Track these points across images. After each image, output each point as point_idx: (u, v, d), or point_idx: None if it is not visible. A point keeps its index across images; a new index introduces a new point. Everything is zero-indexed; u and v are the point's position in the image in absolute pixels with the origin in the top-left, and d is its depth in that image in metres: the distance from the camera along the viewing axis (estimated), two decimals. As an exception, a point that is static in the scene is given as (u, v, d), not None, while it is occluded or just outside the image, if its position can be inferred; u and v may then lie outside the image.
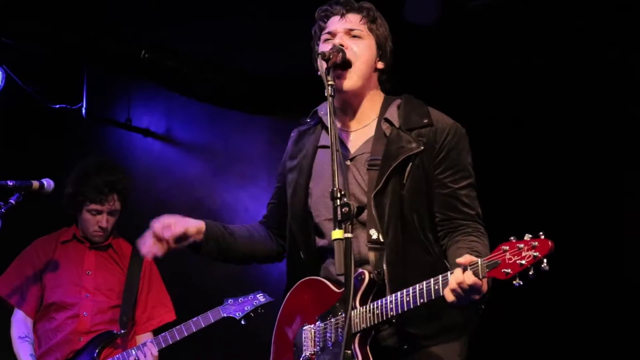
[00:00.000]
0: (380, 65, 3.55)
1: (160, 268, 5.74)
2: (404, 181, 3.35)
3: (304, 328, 3.49)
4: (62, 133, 7.43)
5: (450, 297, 3.00)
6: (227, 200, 7.38)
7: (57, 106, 7.31)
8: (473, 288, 2.96)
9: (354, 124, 3.55)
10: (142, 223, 6.44)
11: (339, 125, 3.55)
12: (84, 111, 7.25)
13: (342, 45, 3.41)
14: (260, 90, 6.94)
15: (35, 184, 4.88)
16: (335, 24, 3.50)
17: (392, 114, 3.49)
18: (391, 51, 3.59)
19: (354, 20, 3.49)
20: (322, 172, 3.51)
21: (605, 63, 5.57)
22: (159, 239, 3.59)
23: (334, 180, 3.05)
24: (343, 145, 3.50)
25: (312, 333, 3.45)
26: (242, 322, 5.25)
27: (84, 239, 5.55)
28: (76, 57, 6.53)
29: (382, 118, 3.49)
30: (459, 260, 3.01)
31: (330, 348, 3.37)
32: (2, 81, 6.84)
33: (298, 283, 3.59)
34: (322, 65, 3.28)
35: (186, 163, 7.62)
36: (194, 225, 3.66)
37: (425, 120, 3.43)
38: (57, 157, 7.05)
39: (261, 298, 5.31)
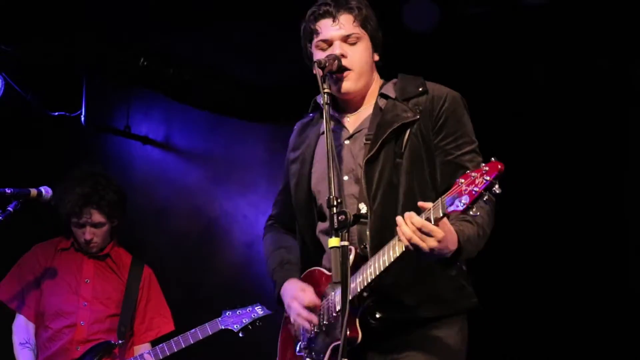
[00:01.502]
0: (376, 57, 3.58)
1: (159, 278, 5.73)
2: (402, 149, 3.35)
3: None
4: (61, 141, 7.42)
5: (404, 240, 2.96)
6: (226, 208, 7.38)
7: (56, 114, 7.30)
8: (423, 232, 2.92)
9: (353, 109, 3.58)
10: (142, 230, 6.47)
11: (338, 111, 3.58)
12: (82, 119, 7.23)
13: (343, 55, 3.42)
14: (259, 98, 6.95)
15: (34, 191, 4.85)
16: (330, 30, 3.48)
17: (389, 89, 3.52)
18: (382, 38, 3.59)
19: (347, 23, 3.47)
20: (323, 156, 3.44)
21: (602, 70, 5.59)
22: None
23: (330, 188, 3.06)
24: (342, 127, 3.55)
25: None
26: (240, 335, 5.26)
27: (81, 248, 5.54)
28: (75, 65, 6.53)
29: (379, 95, 3.52)
30: (420, 203, 2.99)
31: (324, 330, 3.39)
32: (1, 88, 6.83)
33: (304, 274, 3.62)
34: (318, 72, 3.29)
35: (185, 171, 7.62)
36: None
37: (421, 89, 3.44)
38: (55, 164, 7.03)
39: (259, 311, 5.31)
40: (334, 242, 2.97)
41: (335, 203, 3.02)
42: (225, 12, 6.02)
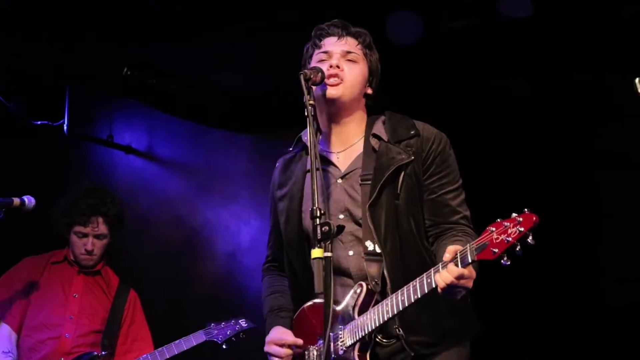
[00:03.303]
0: (369, 90, 3.63)
1: (141, 288, 5.75)
2: (398, 191, 3.42)
3: (308, 351, 3.52)
4: (44, 150, 7.42)
5: (441, 283, 3.01)
6: (209, 218, 7.39)
7: (39, 122, 7.30)
8: (462, 278, 2.99)
9: (340, 145, 3.60)
10: (124, 240, 6.45)
11: (326, 148, 3.60)
12: (65, 128, 7.23)
13: (337, 66, 3.48)
14: (242, 108, 6.97)
15: (16, 201, 4.84)
16: (333, 44, 3.56)
17: (379, 129, 3.56)
18: (379, 77, 3.66)
19: (351, 43, 3.57)
20: (322, 188, 3.51)
21: (581, 84, 5.65)
22: None
23: (313, 199, 3.11)
24: (333, 166, 3.57)
25: (314, 354, 3.49)
26: (224, 347, 5.29)
27: (74, 262, 5.56)
28: (58, 74, 6.53)
29: (370, 134, 3.55)
30: (445, 256, 3.04)
31: None
32: (-16, 98, 6.82)
33: (299, 311, 3.63)
34: (304, 84, 3.34)
35: (167, 181, 7.62)
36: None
37: (412, 132, 3.51)
38: (38, 173, 7.04)
39: (243, 324, 5.35)
40: (317, 253, 3.00)
41: (318, 214, 3.05)
42: (208, 22, 6.04)
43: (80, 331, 5.41)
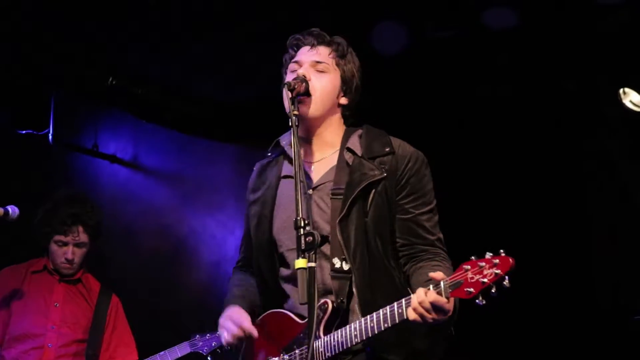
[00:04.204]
0: (343, 100, 3.57)
1: (126, 298, 5.73)
2: (367, 208, 3.36)
3: None
4: (29, 159, 7.39)
5: (412, 315, 3.00)
6: (194, 227, 7.38)
7: (24, 132, 7.27)
8: (435, 306, 2.96)
9: (316, 155, 3.56)
10: (109, 249, 6.44)
11: (302, 157, 3.53)
12: (50, 137, 7.21)
13: (304, 76, 3.43)
14: (227, 117, 6.97)
15: (0, 210, 4.83)
16: (304, 54, 3.53)
17: (354, 143, 3.51)
18: (357, 88, 3.60)
19: (323, 53, 3.52)
20: (285, 202, 3.51)
21: (565, 92, 5.68)
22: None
23: (297, 209, 3.07)
24: (306, 176, 3.50)
25: None
26: (209, 358, 5.26)
27: (54, 271, 5.53)
28: (43, 83, 6.51)
29: (344, 148, 3.50)
30: (432, 274, 3.02)
31: None
32: (-32, 107, 6.80)
33: (261, 316, 3.57)
34: (287, 94, 3.32)
35: (153, 190, 7.60)
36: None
37: (387, 149, 3.45)
38: (22, 183, 7.00)
39: None
40: (301, 263, 2.97)
41: (302, 224, 3.03)
42: (194, 32, 6.05)
43: (62, 341, 5.37)
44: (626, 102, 5.68)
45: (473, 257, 2.92)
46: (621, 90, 5.69)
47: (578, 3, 5.25)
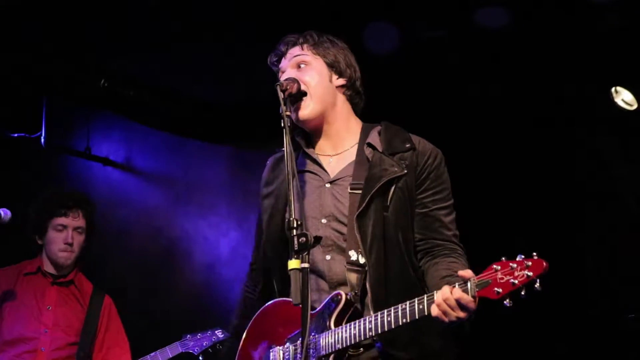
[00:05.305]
0: (340, 81, 3.60)
1: (119, 299, 5.72)
2: (388, 203, 3.38)
3: (272, 350, 3.46)
4: (21, 162, 7.38)
5: (435, 311, 2.99)
6: (187, 229, 7.38)
7: (16, 135, 7.26)
8: (460, 304, 2.96)
9: (331, 149, 3.59)
10: (102, 251, 6.43)
11: (316, 150, 3.60)
12: (42, 140, 7.20)
13: (294, 77, 3.47)
14: (219, 119, 6.96)
15: (-8, 213, 4.83)
16: (283, 63, 3.60)
17: (375, 139, 3.53)
18: (349, 65, 3.62)
19: (294, 52, 3.58)
20: (299, 196, 3.48)
21: (557, 91, 5.69)
22: None
23: (290, 210, 3.08)
24: (322, 169, 3.55)
25: (281, 355, 3.42)
26: (200, 358, 5.27)
27: (47, 273, 5.50)
28: (35, 86, 6.51)
29: (365, 143, 3.53)
30: (461, 272, 3.01)
31: None
32: (-41, 110, 6.79)
33: (266, 305, 3.56)
34: (280, 96, 3.33)
35: (146, 192, 7.60)
36: None
37: (408, 145, 3.49)
38: (15, 186, 6.99)
39: (220, 334, 5.33)
40: (294, 264, 2.97)
41: (295, 225, 3.04)
42: (185, 34, 6.05)
43: (55, 344, 5.35)
44: (618, 100, 5.69)
45: (504, 258, 2.90)
46: (613, 89, 5.70)
47: (571, 2, 5.25)
